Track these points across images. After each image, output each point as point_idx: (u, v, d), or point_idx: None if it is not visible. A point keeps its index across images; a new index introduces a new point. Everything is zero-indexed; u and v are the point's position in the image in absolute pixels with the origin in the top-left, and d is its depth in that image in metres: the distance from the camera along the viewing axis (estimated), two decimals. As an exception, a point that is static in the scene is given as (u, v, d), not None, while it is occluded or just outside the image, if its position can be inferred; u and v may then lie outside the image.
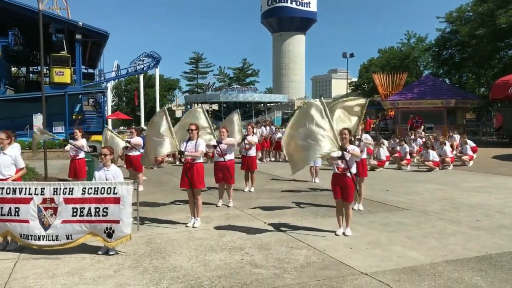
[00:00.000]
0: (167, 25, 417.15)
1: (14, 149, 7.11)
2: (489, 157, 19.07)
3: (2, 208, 6.26)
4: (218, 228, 7.66)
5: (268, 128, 20.32)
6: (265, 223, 7.97)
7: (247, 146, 11.22)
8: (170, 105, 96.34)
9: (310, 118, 6.60)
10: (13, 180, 6.72)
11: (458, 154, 17.41)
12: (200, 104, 9.74)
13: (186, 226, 7.70)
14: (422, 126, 24.75)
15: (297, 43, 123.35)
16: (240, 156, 11.80)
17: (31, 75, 43.47)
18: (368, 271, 5.39)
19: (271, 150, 20.29)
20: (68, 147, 10.72)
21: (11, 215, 6.24)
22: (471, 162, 16.90)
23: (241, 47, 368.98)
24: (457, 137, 19.87)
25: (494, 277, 5.16)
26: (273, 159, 20.15)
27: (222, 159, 9.40)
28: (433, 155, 15.66)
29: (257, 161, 13.17)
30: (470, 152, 17.17)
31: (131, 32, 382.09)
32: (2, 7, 28.69)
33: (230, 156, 9.55)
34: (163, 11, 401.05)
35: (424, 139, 19.30)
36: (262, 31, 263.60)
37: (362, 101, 8.95)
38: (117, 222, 6.06)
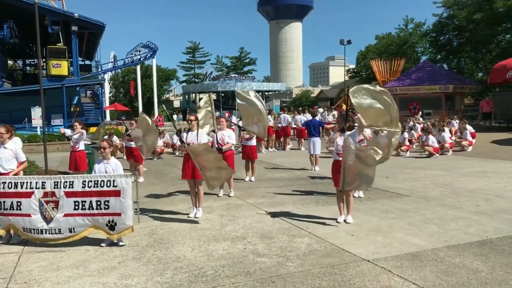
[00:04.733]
0: (163, 15, 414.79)
1: (14, 143, 7.12)
2: (488, 142, 19.12)
3: (4, 202, 6.30)
4: (220, 217, 7.71)
5: (270, 117, 20.11)
6: (266, 212, 8.01)
7: (246, 136, 11.23)
8: (167, 96, 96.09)
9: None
10: (15, 174, 6.74)
11: (457, 140, 17.44)
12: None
13: (188, 217, 7.73)
14: (420, 112, 24.73)
15: (294, 31, 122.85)
16: (240, 146, 11.81)
17: (27, 68, 43.27)
18: (370, 257, 5.44)
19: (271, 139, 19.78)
20: (68, 132, 10.64)
21: (13, 209, 6.28)
22: (470, 148, 16.94)
23: (238, 36, 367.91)
24: (455, 122, 19.88)
25: (495, 261, 5.21)
26: (272, 149, 19.69)
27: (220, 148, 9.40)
28: (433, 140, 15.68)
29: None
30: (469, 138, 17.20)
31: (127, 22, 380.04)
32: (-3, -1, 28.49)
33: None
34: (158, 1, 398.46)
35: (422, 125, 19.31)
36: (258, 19, 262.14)
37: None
38: (119, 214, 6.09)
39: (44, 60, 30.87)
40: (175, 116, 53.96)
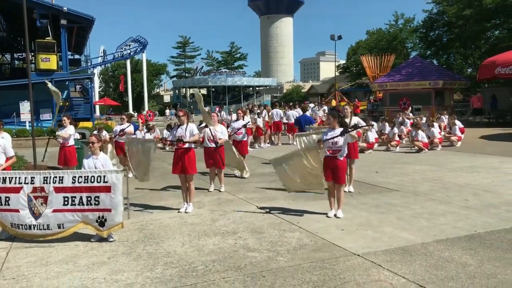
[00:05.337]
0: (153, 9, 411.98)
1: (3, 138, 7.05)
2: (477, 137, 19.28)
3: (-8, 197, 6.22)
4: (210, 212, 7.70)
5: (265, 112, 20.08)
6: (257, 207, 8.01)
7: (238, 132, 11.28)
8: (158, 90, 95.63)
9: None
10: (3, 169, 6.67)
11: (447, 135, 17.57)
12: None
13: (179, 212, 7.71)
14: (410, 108, 24.86)
15: (285, 26, 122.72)
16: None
17: (16, 62, 42.80)
18: (360, 252, 5.46)
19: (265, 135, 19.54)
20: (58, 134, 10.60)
21: (1, 204, 6.19)
22: (459, 143, 17.07)
23: (229, 31, 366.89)
24: (444, 118, 20.02)
25: (483, 255, 5.26)
26: (267, 144, 19.49)
27: (213, 145, 9.38)
28: (422, 135, 15.77)
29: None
30: (458, 133, 17.33)
31: (117, 16, 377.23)
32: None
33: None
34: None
35: (412, 121, 19.40)
36: (249, 14, 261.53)
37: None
38: (109, 210, 6.05)
39: (32, 54, 30.53)
40: (167, 111, 53.55)
